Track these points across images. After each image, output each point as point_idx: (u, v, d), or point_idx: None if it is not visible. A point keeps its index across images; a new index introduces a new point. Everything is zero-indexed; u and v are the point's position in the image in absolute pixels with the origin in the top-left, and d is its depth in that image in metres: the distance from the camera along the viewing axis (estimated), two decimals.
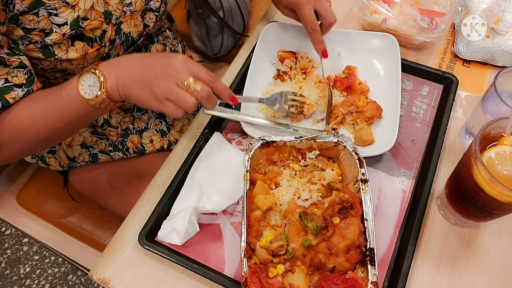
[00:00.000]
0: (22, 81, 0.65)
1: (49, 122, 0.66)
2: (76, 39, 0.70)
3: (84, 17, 0.69)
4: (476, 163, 0.55)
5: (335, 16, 0.79)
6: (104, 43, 0.74)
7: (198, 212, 0.69)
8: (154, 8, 0.82)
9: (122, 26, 0.76)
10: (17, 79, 0.64)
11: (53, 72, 0.76)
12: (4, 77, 0.63)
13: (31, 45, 0.67)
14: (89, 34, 0.71)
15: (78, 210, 1.07)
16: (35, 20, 0.64)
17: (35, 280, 1.58)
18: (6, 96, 0.63)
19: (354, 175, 0.65)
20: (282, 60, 0.86)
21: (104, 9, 0.72)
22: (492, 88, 0.67)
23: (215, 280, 0.63)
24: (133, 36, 0.80)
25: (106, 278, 0.66)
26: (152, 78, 0.61)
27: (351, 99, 0.79)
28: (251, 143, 0.67)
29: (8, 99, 0.63)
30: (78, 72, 0.78)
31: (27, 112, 0.65)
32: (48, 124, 0.66)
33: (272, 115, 0.80)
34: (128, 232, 0.70)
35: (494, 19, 0.92)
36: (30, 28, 0.65)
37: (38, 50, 0.68)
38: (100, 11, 0.71)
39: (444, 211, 0.70)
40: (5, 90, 0.63)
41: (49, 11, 0.65)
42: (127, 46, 0.80)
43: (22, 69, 0.65)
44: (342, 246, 0.57)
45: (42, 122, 0.65)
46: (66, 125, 0.67)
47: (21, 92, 0.64)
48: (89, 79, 0.62)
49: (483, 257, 0.66)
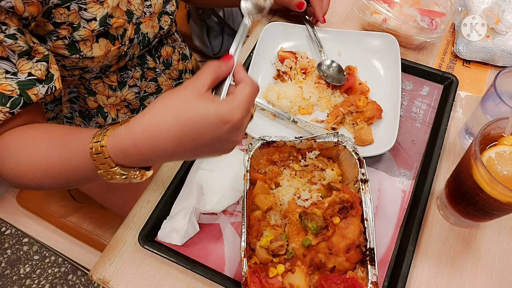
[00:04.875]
0: (42, 77, 0.61)
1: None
2: (101, 36, 0.71)
3: (110, 14, 0.69)
4: (476, 163, 0.55)
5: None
6: (124, 41, 0.74)
7: (198, 212, 0.69)
8: (169, 11, 0.84)
9: (141, 26, 0.77)
10: (40, 73, 0.60)
11: (72, 70, 0.76)
12: (27, 71, 0.59)
13: (59, 41, 0.66)
14: (113, 32, 0.72)
15: (78, 210, 1.07)
16: (66, 14, 0.64)
17: (35, 280, 1.58)
18: (29, 92, 0.59)
19: (354, 175, 0.65)
20: (282, 60, 0.87)
21: (127, 8, 0.72)
22: (492, 88, 0.67)
23: (215, 280, 0.63)
24: (150, 37, 0.80)
25: (106, 278, 0.66)
26: (206, 154, 0.51)
27: (351, 99, 0.79)
28: (251, 143, 0.67)
29: (31, 95, 0.59)
30: (96, 70, 0.77)
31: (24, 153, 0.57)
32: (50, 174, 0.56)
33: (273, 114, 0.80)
34: (128, 232, 0.70)
35: (494, 19, 0.92)
36: (60, 22, 0.65)
37: (65, 47, 0.68)
38: (123, 10, 0.72)
39: (444, 211, 0.70)
40: (28, 84, 0.58)
41: (80, 5, 0.65)
42: (142, 46, 0.81)
43: (45, 63, 0.62)
44: (342, 246, 0.57)
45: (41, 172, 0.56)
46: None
47: (43, 89, 0.60)
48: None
49: (482, 257, 0.66)
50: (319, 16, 0.89)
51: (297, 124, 0.78)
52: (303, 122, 0.78)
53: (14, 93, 0.57)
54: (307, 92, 0.82)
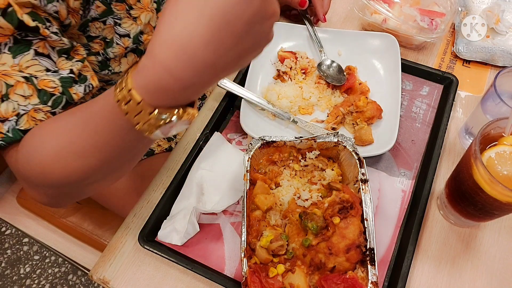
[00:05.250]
0: (76, 78, 0.57)
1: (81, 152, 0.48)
2: (130, 51, 0.70)
3: (141, 31, 0.69)
4: (476, 163, 0.55)
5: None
6: None
7: (198, 212, 0.69)
8: None
9: None
10: (77, 73, 0.57)
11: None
12: (69, 68, 0.55)
13: (92, 57, 0.65)
14: (141, 47, 0.72)
15: (78, 210, 1.07)
16: (101, 28, 0.64)
17: (35, 280, 1.58)
18: (70, 91, 0.54)
19: (354, 175, 0.65)
20: (282, 60, 0.87)
21: (155, 24, 0.72)
22: (492, 88, 0.67)
23: (215, 280, 0.63)
24: None
25: (106, 278, 0.66)
26: (249, 47, 0.40)
27: (351, 99, 0.79)
28: (251, 143, 0.67)
29: (72, 94, 0.55)
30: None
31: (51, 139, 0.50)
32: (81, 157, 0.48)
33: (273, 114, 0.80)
34: (128, 232, 0.70)
35: (494, 19, 0.92)
36: (94, 35, 0.64)
37: (97, 63, 0.66)
38: (152, 26, 0.72)
39: (444, 211, 0.70)
40: (69, 82, 0.54)
41: (115, 20, 0.65)
42: None
43: (80, 63, 0.58)
44: (342, 246, 0.57)
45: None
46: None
47: (80, 88, 0.56)
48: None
49: (482, 257, 0.66)
50: (320, 15, 0.89)
51: (297, 124, 0.78)
52: (303, 122, 0.78)
53: (57, 90, 0.53)
54: (307, 92, 0.82)
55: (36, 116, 0.52)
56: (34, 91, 0.52)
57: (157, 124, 0.40)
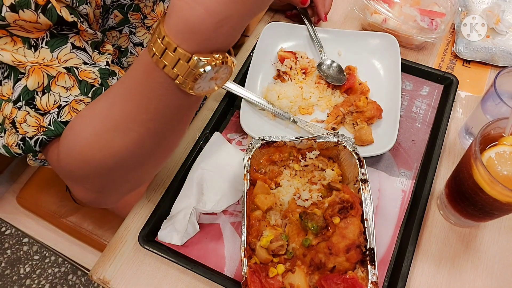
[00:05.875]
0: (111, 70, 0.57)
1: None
2: None
3: None
4: (476, 163, 0.55)
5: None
6: None
7: (198, 212, 0.69)
8: None
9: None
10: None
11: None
12: (105, 60, 0.55)
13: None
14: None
15: (78, 210, 1.07)
16: (117, 37, 0.64)
17: (35, 280, 1.58)
18: (108, 82, 0.54)
19: (354, 175, 0.65)
20: (282, 60, 0.87)
21: None
22: (492, 88, 0.67)
23: (215, 280, 0.63)
24: None
25: (106, 278, 0.66)
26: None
27: (351, 99, 0.79)
28: (251, 143, 0.67)
29: (110, 86, 0.54)
30: None
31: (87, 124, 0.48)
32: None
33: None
34: (128, 232, 0.70)
35: (494, 19, 0.92)
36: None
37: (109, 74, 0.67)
38: None
39: (444, 211, 0.70)
40: (106, 73, 0.53)
41: (131, 30, 0.65)
42: None
43: (111, 57, 0.59)
44: (342, 246, 0.57)
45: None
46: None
47: (113, 81, 0.56)
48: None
49: (482, 257, 0.66)
50: (321, 14, 0.89)
51: (297, 124, 0.78)
52: (303, 122, 0.78)
53: (96, 82, 0.53)
54: (307, 92, 0.82)
55: (77, 107, 0.52)
56: (75, 82, 0.52)
57: (197, 73, 0.37)
